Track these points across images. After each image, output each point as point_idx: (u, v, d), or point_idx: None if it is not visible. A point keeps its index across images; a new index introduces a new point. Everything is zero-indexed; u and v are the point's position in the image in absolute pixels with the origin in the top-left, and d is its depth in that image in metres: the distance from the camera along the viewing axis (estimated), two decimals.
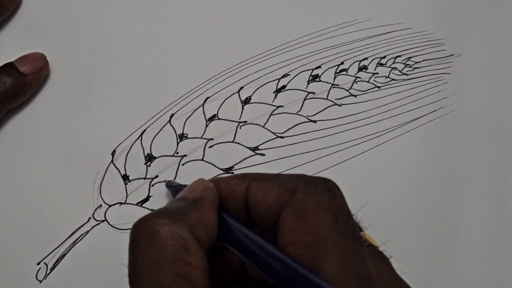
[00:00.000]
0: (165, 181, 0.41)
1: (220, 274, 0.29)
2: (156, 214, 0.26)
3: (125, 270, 0.36)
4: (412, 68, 0.46)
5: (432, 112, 0.44)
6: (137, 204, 0.40)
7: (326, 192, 0.26)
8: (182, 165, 0.41)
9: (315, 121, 0.43)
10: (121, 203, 0.40)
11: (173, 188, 0.38)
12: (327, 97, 0.44)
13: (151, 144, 0.42)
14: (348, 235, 0.25)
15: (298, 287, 0.24)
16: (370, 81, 0.45)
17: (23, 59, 0.42)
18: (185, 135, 0.42)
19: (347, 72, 0.45)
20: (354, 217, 0.27)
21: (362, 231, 0.33)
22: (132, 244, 0.26)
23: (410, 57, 0.46)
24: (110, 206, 0.40)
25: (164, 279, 0.25)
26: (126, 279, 0.38)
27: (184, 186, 0.36)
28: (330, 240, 0.25)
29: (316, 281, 0.24)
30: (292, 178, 0.27)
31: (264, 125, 0.43)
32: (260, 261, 0.26)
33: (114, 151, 0.41)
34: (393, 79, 0.45)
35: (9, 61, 0.42)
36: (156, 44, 0.44)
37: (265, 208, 0.27)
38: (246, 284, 0.29)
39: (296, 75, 0.44)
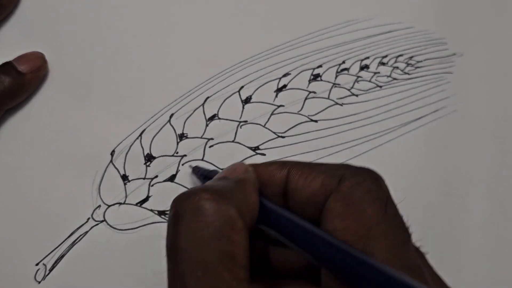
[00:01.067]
0: (190, 166, 0.41)
1: None
2: (202, 189, 0.26)
3: (121, 270, 0.36)
4: (414, 68, 0.46)
5: (434, 112, 0.44)
6: (136, 204, 0.40)
7: (374, 181, 0.27)
8: (182, 165, 0.41)
9: (316, 121, 0.43)
10: (120, 203, 0.40)
11: (201, 173, 0.38)
12: (328, 97, 0.44)
13: (151, 144, 0.42)
14: (397, 225, 0.26)
15: (348, 267, 0.24)
16: (371, 80, 0.45)
17: (22, 58, 0.42)
18: (185, 134, 0.42)
19: (348, 72, 0.45)
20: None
21: None
22: (175, 217, 0.26)
23: (412, 56, 0.46)
24: (109, 206, 0.40)
25: (207, 255, 0.25)
26: (126, 280, 0.38)
27: (213, 171, 0.37)
28: (380, 229, 0.25)
29: (369, 261, 0.24)
30: (338, 167, 0.28)
31: (264, 124, 0.42)
32: (305, 243, 0.26)
33: (114, 151, 0.41)
34: (394, 79, 0.45)
35: (8, 60, 0.42)
36: (156, 43, 0.44)
37: (308, 195, 0.28)
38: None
39: (297, 74, 0.44)
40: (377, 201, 0.26)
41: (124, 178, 0.41)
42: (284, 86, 0.44)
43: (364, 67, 0.45)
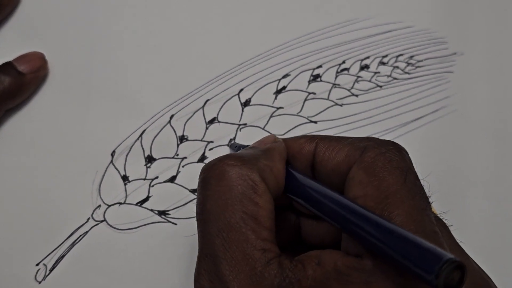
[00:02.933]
0: (229, 142, 0.42)
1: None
2: (226, 157, 0.28)
3: (121, 270, 0.36)
4: (414, 67, 0.45)
5: (434, 111, 0.44)
6: (136, 204, 0.40)
7: (396, 153, 0.28)
8: (183, 167, 0.41)
9: (315, 122, 0.43)
10: (120, 203, 0.40)
11: (238, 148, 0.39)
12: (328, 97, 0.44)
13: (151, 145, 0.42)
14: (416, 193, 0.27)
15: (366, 230, 0.25)
16: (371, 80, 0.45)
17: (22, 58, 0.42)
18: (185, 137, 0.42)
19: (348, 72, 0.45)
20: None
21: None
22: (202, 183, 0.28)
23: (412, 56, 0.46)
24: (109, 206, 0.40)
25: (232, 216, 0.27)
26: (126, 280, 0.38)
27: (249, 146, 0.38)
28: (399, 195, 0.26)
29: (386, 223, 0.25)
30: (362, 139, 0.29)
31: (264, 127, 0.42)
32: (328, 210, 0.27)
33: (114, 151, 0.41)
34: (395, 78, 0.45)
35: (8, 60, 0.41)
36: (156, 44, 0.44)
37: (333, 166, 0.29)
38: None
39: (297, 75, 0.44)
40: (397, 170, 0.27)
41: (125, 178, 0.41)
42: (284, 87, 0.44)
43: (364, 67, 0.45)
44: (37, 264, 0.39)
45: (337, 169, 0.29)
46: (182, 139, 0.42)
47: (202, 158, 0.41)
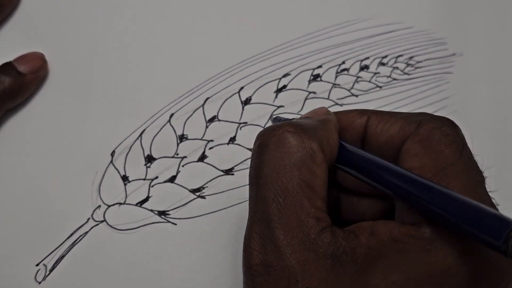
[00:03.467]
0: (271, 116, 0.42)
1: None
2: (287, 123, 0.29)
3: (121, 270, 0.36)
4: (414, 68, 0.45)
5: (434, 112, 0.44)
6: (136, 205, 0.40)
7: (451, 127, 0.28)
8: (182, 166, 0.41)
9: None
10: (120, 204, 0.40)
11: (282, 121, 0.39)
12: (328, 97, 0.44)
13: (151, 144, 0.42)
14: (472, 167, 0.28)
15: (428, 198, 0.25)
16: (371, 80, 0.45)
17: (22, 58, 0.42)
18: (185, 136, 0.42)
19: (348, 72, 0.45)
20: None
21: None
22: (260, 147, 0.28)
23: (412, 57, 0.46)
24: (109, 206, 0.40)
25: (289, 182, 0.27)
26: (126, 280, 0.38)
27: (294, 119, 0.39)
28: (456, 167, 0.27)
29: (449, 192, 0.25)
30: (416, 114, 0.30)
31: (264, 126, 0.42)
32: (384, 179, 0.28)
33: (114, 151, 0.41)
34: (394, 79, 0.45)
35: (8, 60, 0.42)
36: (156, 43, 0.44)
37: (386, 138, 0.30)
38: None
39: (297, 75, 0.44)
40: (454, 144, 0.27)
41: (124, 178, 0.41)
42: (284, 86, 0.44)
43: (364, 68, 0.45)
44: (37, 265, 0.39)
45: (390, 142, 0.29)
46: (182, 138, 0.42)
47: (202, 157, 0.41)
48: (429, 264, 0.25)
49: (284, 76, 0.44)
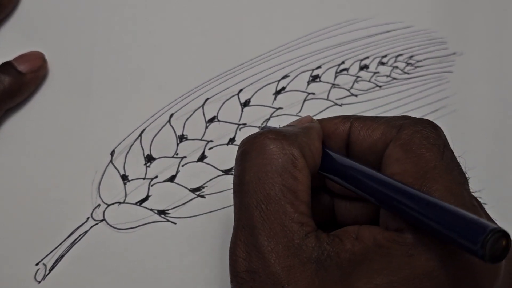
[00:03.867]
0: (261, 125, 0.43)
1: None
2: (268, 131, 0.29)
3: (121, 270, 0.36)
4: (414, 67, 0.45)
5: (434, 111, 0.44)
6: (136, 204, 0.40)
7: (432, 130, 0.29)
8: (182, 166, 0.41)
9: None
10: (119, 203, 0.40)
11: None
12: (328, 98, 0.44)
13: (151, 144, 0.42)
14: (454, 169, 0.27)
15: (408, 204, 0.26)
16: (371, 80, 0.45)
17: (21, 58, 0.42)
18: (185, 136, 0.42)
19: (347, 72, 0.45)
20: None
21: None
22: (242, 155, 0.29)
23: (412, 56, 0.46)
24: (108, 205, 0.40)
25: (271, 188, 0.27)
26: (125, 279, 0.38)
27: None
28: (438, 170, 0.27)
29: (428, 197, 0.25)
30: (397, 118, 0.30)
31: (263, 127, 0.42)
32: (366, 186, 0.28)
33: (114, 151, 0.41)
34: (394, 78, 0.45)
35: (7, 60, 0.42)
36: (156, 43, 0.44)
37: (369, 144, 0.30)
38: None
39: (296, 76, 0.44)
40: (434, 147, 0.28)
41: (124, 178, 0.41)
42: (283, 88, 0.44)
43: (363, 67, 0.45)
44: (37, 264, 0.39)
45: (373, 147, 0.30)
46: (181, 138, 0.42)
47: (202, 157, 0.41)
48: (412, 268, 0.25)
49: (283, 78, 0.44)
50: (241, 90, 0.43)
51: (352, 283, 0.26)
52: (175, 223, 0.40)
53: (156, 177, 0.41)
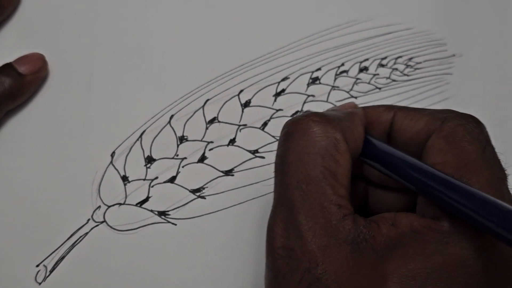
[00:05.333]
0: (302, 110, 0.43)
1: None
2: (312, 113, 0.29)
3: (121, 271, 0.36)
4: (414, 69, 0.45)
5: None
6: (136, 205, 0.40)
7: (476, 125, 0.29)
8: (182, 167, 0.41)
9: None
10: (120, 204, 0.40)
11: None
12: (327, 100, 0.44)
13: (151, 145, 0.42)
14: (495, 164, 0.28)
15: (448, 193, 0.26)
16: (370, 82, 0.45)
17: (22, 59, 0.42)
18: (185, 137, 0.42)
19: (347, 74, 0.45)
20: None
21: None
22: (286, 136, 0.30)
23: (411, 58, 0.46)
24: (109, 207, 0.40)
25: (312, 170, 0.28)
26: (126, 281, 0.38)
27: None
28: (478, 164, 0.27)
29: (469, 188, 0.26)
30: (442, 111, 0.31)
31: (264, 128, 0.42)
32: (407, 174, 0.29)
33: (114, 152, 0.41)
34: (394, 80, 0.45)
35: (8, 61, 0.42)
36: (156, 44, 0.44)
37: (411, 134, 0.31)
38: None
39: (296, 78, 0.44)
40: (476, 141, 0.28)
41: (124, 179, 0.41)
42: (283, 90, 0.44)
43: (363, 69, 0.45)
44: (37, 265, 0.39)
45: (415, 137, 0.30)
46: (182, 139, 0.42)
47: (202, 158, 0.41)
48: (446, 256, 0.26)
49: (283, 79, 0.44)
50: (241, 90, 0.43)
51: (385, 266, 0.26)
52: (176, 224, 0.40)
53: (156, 178, 0.41)
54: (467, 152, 0.28)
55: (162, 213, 0.40)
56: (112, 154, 0.41)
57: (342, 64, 0.45)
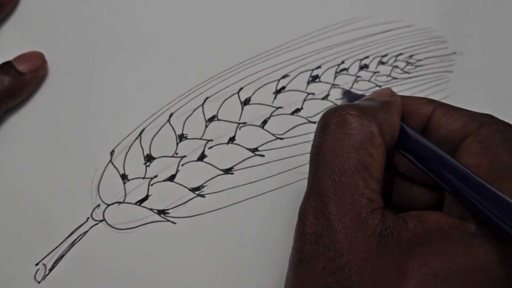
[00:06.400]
0: (342, 89, 0.43)
1: None
2: (348, 106, 0.30)
3: (121, 270, 0.36)
4: (414, 66, 0.45)
5: None
6: (135, 203, 0.40)
7: None
8: (182, 165, 0.41)
9: (314, 122, 0.43)
10: (119, 202, 0.40)
11: (352, 97, 0.41)
12: (327, 98, 0.44)
13: (151, 144, 0.42)
14: None
15: (478, 196, 0.27)
16: (371, 80, 0.44)
17: (21, 58, 0.42)
18: (184, 135, 0.42)
19: (347, 72, 0.45)
20: None
21: None
22: (322, 127, 0.30)
23: (412, 55, 0.46)
24: (108, 205, 0.40)
25: (346, 162, 0.28)
26: (125, 279, 0.38)
27: (363, 95, 0.39)
28: (511, 172, 0.28)
29: (500, 194, 0.26)
30: (481, 114, 0.31)
31: (263, 126, 0.42)
32: (439, 170, 0.29)
33: (113, 150, 0.41)
34: (394, 78, 0.45)
35: (7, 60, 0.42)
36: (155, 42, 0.44)
37: (447, 131, 0.31)
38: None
39: (296, 76, 0.44)
40: None
41: (124, 177, 0.41)
42: (283, 87, 0.44)
43: (363, 67, 0.45)
44: (37, 264, 0.39)
45: (450, 136, 0.31)
46: (181, 137, 0.42)
47: (202, 156, 0.41)
48: (469, 258, 0.26)
49: (283, 77, 0.44)
50: (241, 88, 0.43)
51: (407, 261, 0.27)
52: (175, 223, 0.40)
53: (155, 176, 0.41)
54: (502, 159, 0.28)
55: (161, 212, 0.40)
56: (112, 153, 0.41)
57: (342, 62, 0.45)
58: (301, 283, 0.28)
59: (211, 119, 0.43)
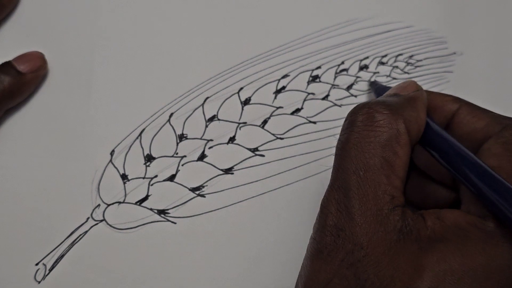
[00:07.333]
0: (369, 80, 0.44)
1: None
2: (376, 102, 0.30)
3: (121, 270, 0.36)
4: (414, 67, 0.45)
5: None
6: (136, 203, 0.40)
7: None
8: (182, 165, 0.41)
9: (314, 122, 0.43)
10: (119, 202, 0.40)
11: (378, 88, 0.41)
12: (327, 98, 0.44)
13: (151, 144, 0.42)
14: None
15: (500, 196, 0.27)
16: (371, 80, 0.45)
17: (21, 58, 0.42)
18: (184, 135, 0.42)
19: (347, 72, 0.45)
20: None
21: None
22: (349, 124, 0.30)
23: (412, 56, 0.46)
24: (108, 205, 0.40)
25: (371, 158, 0.29)
26: (125, 279, 0.38)
27: (389, 87, 0.39)
28: None
29: None
30: (505, 117, 0.31)
31: (263, 126, 0.42)
32: (462, 168, 0.29)
33: (113, 150, 0.41)
34: (394, 78, 0.45)
35: (7, 60, 0.41)
36: (155, 43, 0.44)
37: (470, 130, 0.31)
38: None
39: (296, 76, 0.44)
40: None
41: (124, 177, 0.41)
42: (283, 87, 0.44)
43: (363, 67, 0.45)
44: (37, 264, 0.39)
45: (472, 135, 0.31)
46: (181, 137, 0.42)
47: (202, 156, 0.41)
48: (486, 256, 0.27)
49: (283, 77, 0.44)
50: (241, 88, 0.43)
51: (424, 258, 0.27)
52: (175, 223, 0.40)
53: (156, 176, 0.41)
54: None
55: (161, 212, 0.40)
56: (112, 153, 0.41)
57: (342, 63, 0.45)
58: (318, 273, 0.28)
59: (211, 119, 0.43)
